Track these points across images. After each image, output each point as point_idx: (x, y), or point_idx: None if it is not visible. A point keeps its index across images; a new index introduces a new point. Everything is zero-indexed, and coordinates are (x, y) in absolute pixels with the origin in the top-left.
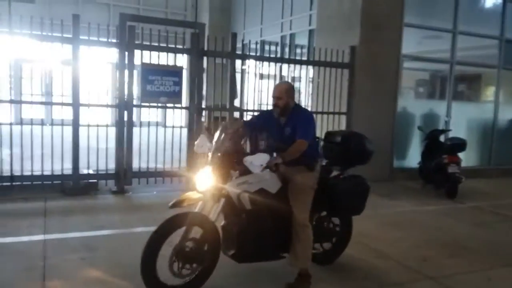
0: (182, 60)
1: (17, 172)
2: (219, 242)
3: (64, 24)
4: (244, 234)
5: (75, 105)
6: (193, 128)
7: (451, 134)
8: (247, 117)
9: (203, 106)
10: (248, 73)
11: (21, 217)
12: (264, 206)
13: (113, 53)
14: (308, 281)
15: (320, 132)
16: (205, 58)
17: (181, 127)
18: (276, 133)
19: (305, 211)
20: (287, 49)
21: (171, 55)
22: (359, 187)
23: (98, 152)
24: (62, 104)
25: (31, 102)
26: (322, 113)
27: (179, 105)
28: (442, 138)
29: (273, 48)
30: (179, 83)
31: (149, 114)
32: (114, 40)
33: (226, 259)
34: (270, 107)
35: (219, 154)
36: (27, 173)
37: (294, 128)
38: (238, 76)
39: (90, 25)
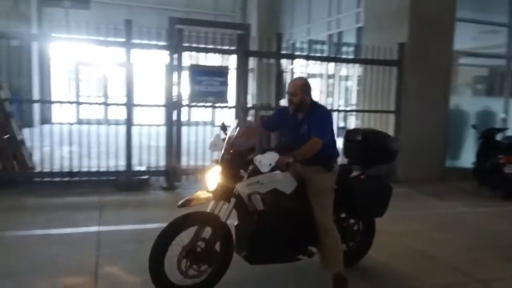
0: (232, 61)
1: (75, 169)
2: (231, 243)
3: (117, 28)
4: (257, 235)
5: (129, 105)
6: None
7: (508, 133)
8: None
9: (249, 105)
10: (294, 73)
11: (78, 210)
12: (277, 207)
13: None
14: (344, 285)
15: None
16: (252, 59)
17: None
18: (293, 131)
19: (327, 214)
20: (328, 48)
21: (220, 56)
22: (379, 188)
23: (150, 150)
24: (117, 104)
25: (88, 103)
26: (369, 111)
27: (225, 105)
28: (498, 137)
29: (320, 47)
30: (225, 83)
31: (197, 113)
32: (164, 43)
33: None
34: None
35: (229, 153)
36: (84, 169)
37: (310, 126)
38: (286, 76)
39: (141, 29)
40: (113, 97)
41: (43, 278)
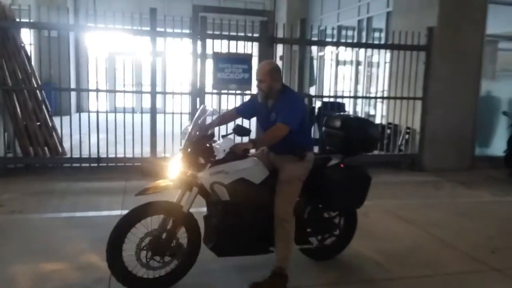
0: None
1: (103, 155)
2: (197, 234)
3: (144, 17)
4: (222, 227)
5: (153, 93)
6: None
7: None
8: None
9: None
10: (324, 60)
11: (103, 195)
12: (244, 198)
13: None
14: (281, 284)
15: (398, 120)
16: (282, 46)
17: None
18: (264, 119)
19: (286, 204)
20: (363, 34)
21: (247, 44)
22: (356, 178)
23: (174, 138)
24: (141, 92)
25: (117, 91)
26: (395, 98)
27: (248, 92)
28: None
29: (349, 33)
30: (248, 70)
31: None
32: (188, 31)
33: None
34: (346, 94)
35: (190, 140)
36: (111, 155)
37: (277, 112)
38: (315, 63)
39: (166, 18)
40: (146, 86)
41: (62, 258)
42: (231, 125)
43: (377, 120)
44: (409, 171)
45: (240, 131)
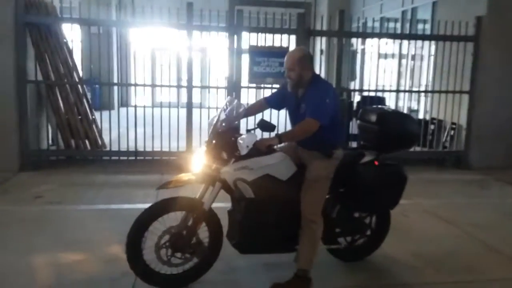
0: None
1: (141, 148)
2: (219, 230)
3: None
4: (245, 224)
5: (189, 87)
6: None
7: None
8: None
9: None
10: (365, 53)
11: (138, 188)
12: (269, 195)
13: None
14: (303, 286)
15: (443, 115)
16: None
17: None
18: (294, 110)
19: (314, 204)
20: (407, 25)
21: (283, 36)
22: (391, 177)
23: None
24: (179, 86)
25: (156, 86)
26: (439, 92)
27: None
28: None
29: (392, 25)
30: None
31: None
32: (223, 25)
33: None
34: (388, 88)
35: (214, 133)
36: (148, 149)
37: (307, 105)
38: (358, 57)
39: (203, 12)
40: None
41: (92, 250)
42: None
43: (421, 115)
44: (453, 169)
45: (264, 126)
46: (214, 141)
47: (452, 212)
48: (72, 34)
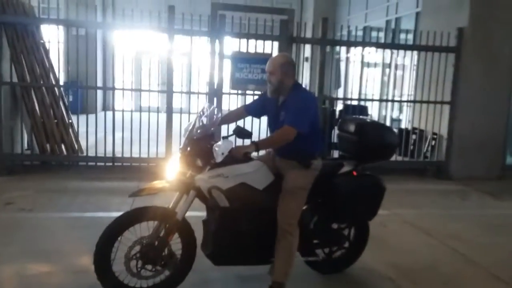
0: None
1: (118, 154)
2: (192, 242)
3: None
4: (219, 234)
5: (169, 92)
6: None
7: None
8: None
9: None
10: (351, 62)
11: (114, 195)
12: (244, 205)
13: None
14: None
15: (424, 125)
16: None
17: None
18: (273, 117)
19: (290, 215)
20: (391, 35)
21: (266, 43)
22: (368, 189)
23: None
24: (158, 91)
25: (125, 89)
26: (421, 102)
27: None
28: None
29: (377, 34)
30: None
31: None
32: (206, 29)
33: None
34: (374, 97)
35: (190, 139)
36: (127, 155)
37: (286, 112)
38: (342, 65)
39: (185, 16)
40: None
41: (61, 260)
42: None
43: (403, 125)
44: (434, 179)
45: (240, 133)
46: (189, 148)
47: (431, 223)
48: (54, 36)
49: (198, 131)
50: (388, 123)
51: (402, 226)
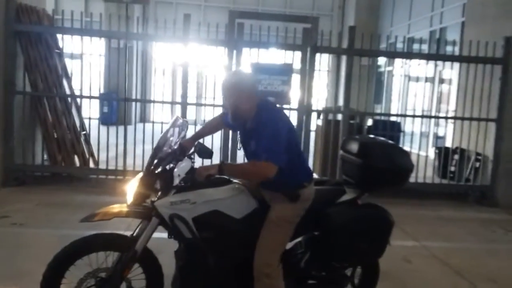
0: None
1: (130, 167)
2: (156, 276)
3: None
4: (187, 270)
5: (183, 104)
6: (301, 132)
7: None
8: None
9: (316, 107)
10: (393, 75)
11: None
12: (216, 236)
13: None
14: None
15: (467, 144)
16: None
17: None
18: (244, 141)
19: (268, 253)
20: (428, 46)
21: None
22: (371, 222)
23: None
24: (172, 103)
25: (146, 101)
26: (463, 119)
27: (287, 106)
28: None
29: (421, 46)
30: (287, 82)
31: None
32: (223, 39)
33: None
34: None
35: (153, 157)
36: (138, 168)
37: (256, 143)
38: (385, 79)
39: (200, 25)
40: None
41: (31, 283)
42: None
43: (448, 143)
44: (476, 206)
45: (200, 151)
46: (152, 167)
47: (465, 259)
48: (93, 47)
49: (164, 148)
50: (430, 141)
51: (429, 262)
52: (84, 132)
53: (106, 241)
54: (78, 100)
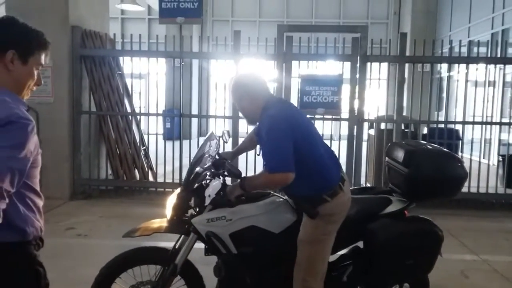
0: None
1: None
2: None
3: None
4: (225, 285)
5: (234, 118)
6: (353, 141)
7: None
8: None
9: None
10: (457, 80)
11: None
12: (254, 251)
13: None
14: None
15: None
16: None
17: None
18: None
19: (306, 270)
20: (488, 49)
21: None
22: (419, 239)
23: None
24: (224, 117)
25: (202, 116)
26: (510, 124)
27: (337, 117)
28: None
29: (481, 49)
30: (337, 93)
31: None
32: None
33: None
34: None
35: (188, 175)
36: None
37: (262, 150)
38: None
39: (250, 40)
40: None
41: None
42: None
43: None
44: None
45: (229, 171)
46: (187, 184)
47: None
48: (153, 67)
49: (199, 164)
50: (495, 148)
51: (489, 277)
52: (144, 147)
53: (148, 254)
54: (138, 116)
